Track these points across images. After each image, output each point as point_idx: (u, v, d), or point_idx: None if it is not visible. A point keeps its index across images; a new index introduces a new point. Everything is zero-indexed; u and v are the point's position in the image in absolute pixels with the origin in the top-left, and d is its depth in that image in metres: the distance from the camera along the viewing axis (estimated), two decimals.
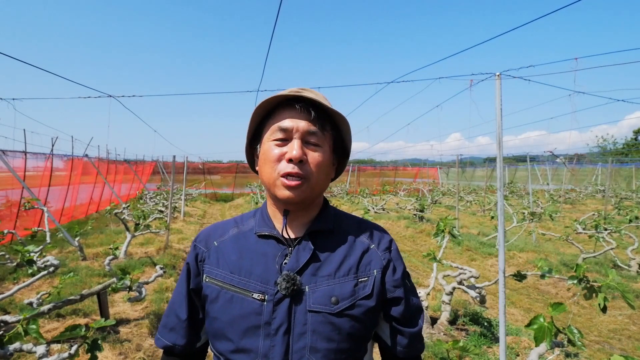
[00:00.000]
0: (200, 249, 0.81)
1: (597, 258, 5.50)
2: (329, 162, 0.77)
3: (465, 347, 1.59)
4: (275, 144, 0.73)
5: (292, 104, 0.74)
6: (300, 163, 0.71)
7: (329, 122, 0.77)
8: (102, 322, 1.69)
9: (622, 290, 1.95)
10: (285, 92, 0.75)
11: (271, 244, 0.77)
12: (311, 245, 0.75)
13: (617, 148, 38.15)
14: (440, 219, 3.28)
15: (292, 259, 0.73)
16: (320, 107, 0.75)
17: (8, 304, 3.59)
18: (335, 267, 0.74)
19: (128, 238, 5.65)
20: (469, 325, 3.49)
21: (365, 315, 0.72)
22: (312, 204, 0.79)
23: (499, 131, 2.18)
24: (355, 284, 0.73)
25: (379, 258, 0.77)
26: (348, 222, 0.83)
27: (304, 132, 0.72)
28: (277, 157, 0.72)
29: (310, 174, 0.72)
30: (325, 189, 0.79)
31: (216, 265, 0.77)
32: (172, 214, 7.74)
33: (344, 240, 0.78)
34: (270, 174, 0.73)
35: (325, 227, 0.78)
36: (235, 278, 0.74)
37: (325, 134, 0.75)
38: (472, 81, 4.01)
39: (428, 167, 27.96)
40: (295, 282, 0.70)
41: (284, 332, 0.69)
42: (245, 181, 19.06)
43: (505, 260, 2.23)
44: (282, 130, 0.73)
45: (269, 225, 0.78)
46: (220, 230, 0.83)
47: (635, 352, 3.24)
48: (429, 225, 8.66)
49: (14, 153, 6.28)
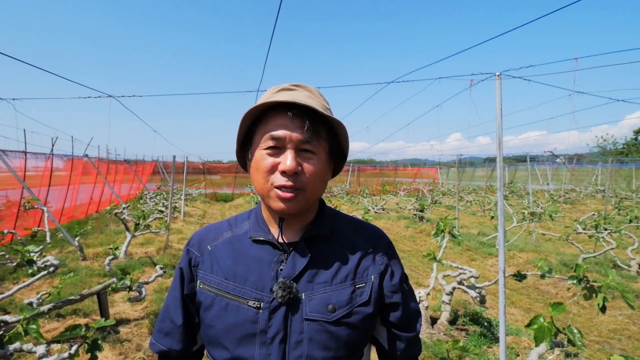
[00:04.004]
0: (194, 253, 0.78)
1: (597, 258, 5.50)
2: (324, 169, 0.73)
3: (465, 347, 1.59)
4: (267, 153, 0.69)
5: (284, 109, 0.68)
6: (294, 175, 0.67)
7: (324, 127, 0.71)
8: (102, 322, 1.69)
9: (622, 290, 1.95)
10: (276, 93, 0.71)
11: (266, 250, 0.74)
12: (307, 252, 0.73)
13: (617, 148, 38.15)
14: (440, 219, 3.28)
15: (287, 266, 0.71)
16: (314, 112, 0.69)
17: (8, 304, 3.59)
18: (332, 273, 0.72)
19: (128, 238, 5.65)
20: (469, 325, 3.49)
21: (363, 322, 0.71)
22: (307, 209, 0.76)
23: (499, 131, 2.18)
24: (352, 291, 0.71)
25: (377, 263, 0.76)
26: (345, 225, 0.81)
27: (298, 141, 0.67)
28: (269, 167, 0.68)
29: (306, 184, 0.68)
30: (322, 194, 0.76)
31: (210, 271, 0.75)
32: (172, 214, 7.74)
33: (341, 245, 0.76)
34: (264, 184, 0.69)
35: (322, 232, 0.76)
36: (230, 285, 0.72)
37: (320, 140, 0.70)
38: (472, 81, 4.01)
39: (428, 167, 27.96)
40: (291, 290, 0.68)
41: (280, 341, 0.67)
42: (245, 181, 19.05)
43: (505, 260, 2.23)
44: (274, 139, 0.68)
45: (264, 230, 0.76)
46: (214, 234, 0.80)
47: (635, 352, 3.24)
48: (429, 225, 8.66)
49: (14, 153, 6.28)
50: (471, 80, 4.01)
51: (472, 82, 4.01)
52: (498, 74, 2.22)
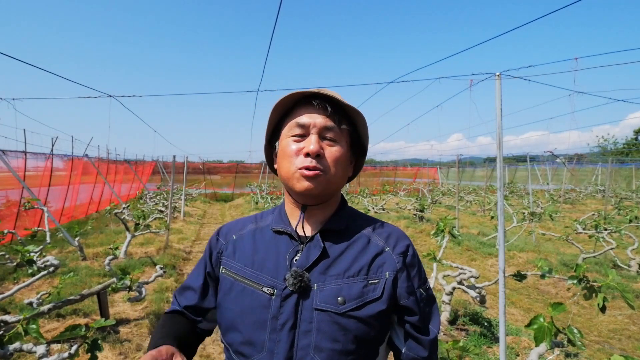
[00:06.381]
0: (221, 241, 0.85)
1: (597, 258, 5.50)
2: (345, 157, 0.78)
3: (465, 347, 1.59)
4: (294, 140, 0.75)
5: (309, 101, 0.76)
6: (317, 157, 0.73)
7: (345, 118, 0.78)
8: (102, 322, 1.69)
9: (622, 290, 1.95)
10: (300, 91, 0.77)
11: (284, 240, 0.79)
12: (321, 243, 0.75)
13: (618, 148, 38.14)
14: (440, 219, 3.28)
15: (302, 256, 0.75)
16: (336, 103, 0.76)
17: (8, 304, 3.59)
18: (345, 267, 0.74)
19: (128, 238, 5.65)
20: (469, 325, 3.49)
21: (374, 318, 0.71)
22: (328, 201, 0.80)
23: (499, 131, 2.18)
24: (364, 285, 0.72)
25: (393, 261, 0.76)
26: (364, 223, 0.82)
27: (321, 127, 0.74)
28: (295, 152, 0.74)
29: (328, 168, 0.74)
30: (342, 185, 0.80)
31: (232, 258, 0.81)
32: (172, 214, 7.74)
33: (357, 241, 0.78)
34: (289, 168, 0.74)
35: (338, 227, 0.78)
36: (248, 271, 0.76)
37: (342, 129, 0.77)
38: (472, 81, 4.01)
39: (428, 167, 27.96)
40: (302, 279, 0.70)
41: (290, 328, 0.69)
42: (245, 181, 19.04)
43: (505, 260, 2.23)
44: (299, 126, 0.75)
45: (284, 222, 0.81)
46: (241, 225, 0.87)
47: (635, 352, 3.24)
48: (429, 225, 8.66)
49: (14, 153, 6.28)
50: (471, 80, 4.01)
51: (472, 82, 4.01)
52: (498, 74, 2.23)
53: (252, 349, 0.71)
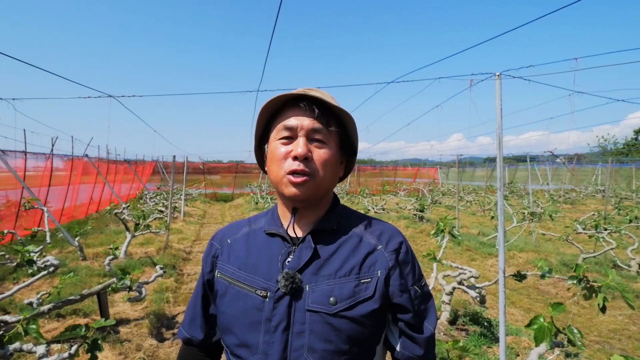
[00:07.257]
0: (216, 246, 0.85)
1: (597, 258, 5.50)
2: (335, 159, 0.77)
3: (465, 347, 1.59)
4: (281, 143, 0.75)
5: (297, 103, 0.75)
6: (305, 160, 0.72)
7: (334, 119, 0.77)
8: (102, 322, 1.69)
9: (622, 290, 1.95)
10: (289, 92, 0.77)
11: (277, 242, 0.78)
12: (312, 244, 0.75)
13: (618, 148, 38.13)
14: (440, 219, 3.28)
15: (294, 258, 0.74)
16: (324, 104, 0.76)
17: (8, 304, 3.59)
18: (337, 267, 0.73)
19: (128, 238, 5.65)
20: (469, 325, 3.49)
21: (367, 317, 0.70)
22: (319, 202, 0.79)
23: (499, 131, 2.18)
24: (356, 285, 0.71)
25: (385, 259, 0.74)
26: (356, 222, 0.81)
27: (309, 129, 0.73)
28: (283, 155, 0.74)
29: (316, 171, 0.73)
30: (333, 187, 0.80)
31: (227, 262, 0.81)
32: (172, 214, 7.75)
33: (348, 240, 0.77)
34: (277, 172, 0.74)
35: (329, 227, 0.78)
36: (242, 274, 0.77)
37: (330, 131, 0.76)
38: (472, 81, 4.01)
39: (428, 167, 27.95)
40: (294, 281, 0.70)
41: (283, 330, 0.69)
42: (245, 181, 19.04)
43: (505, 260, 2.23)
44: (287, 128, 0.74)
45: (276, 224, 0.81)
46: (235, 229, 0.87)
47: (635, 352, 3.24)
48: (429, 225, 8.66)
49: (14, 153, 6.28)
50: (471, 80, 4.01)
51: (472, 82, 4.01)
52: (498, 74, 2.23)
53: (247, 351, 0.71)
